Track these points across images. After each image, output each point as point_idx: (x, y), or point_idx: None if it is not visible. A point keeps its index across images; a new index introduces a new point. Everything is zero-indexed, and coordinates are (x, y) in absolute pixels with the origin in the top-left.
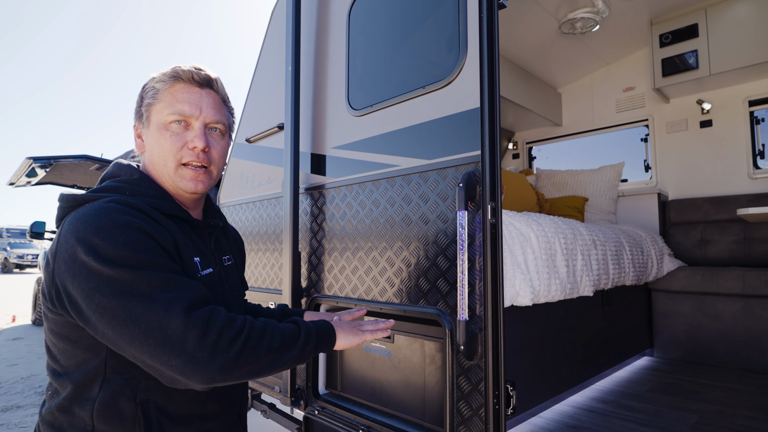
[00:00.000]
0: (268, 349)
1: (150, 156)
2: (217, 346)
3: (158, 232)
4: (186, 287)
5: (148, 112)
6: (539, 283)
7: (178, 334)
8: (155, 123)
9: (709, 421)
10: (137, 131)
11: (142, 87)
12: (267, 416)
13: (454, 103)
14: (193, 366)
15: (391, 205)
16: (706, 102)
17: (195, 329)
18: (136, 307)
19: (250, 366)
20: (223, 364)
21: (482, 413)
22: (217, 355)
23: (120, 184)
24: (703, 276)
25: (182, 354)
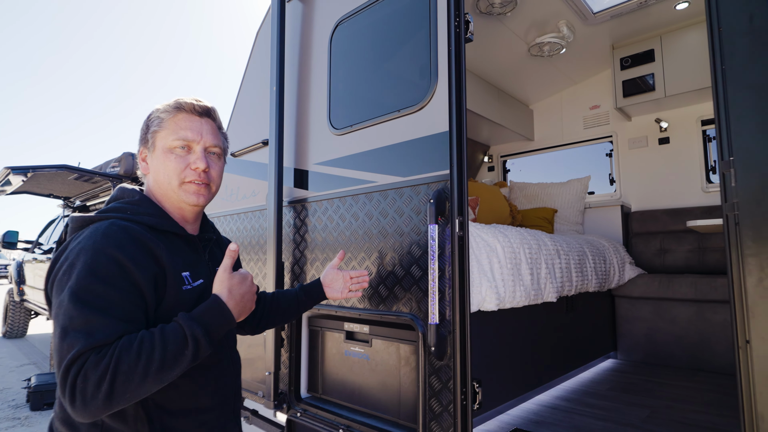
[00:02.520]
0: (144, 376)
1: (155, 176)
2: (84, 397)
3: (138, 260)
4: (96, 329)
5: (154, 139)
6: (504, 289)
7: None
8: (160, 147)
9: (659, 414)
10: (142, 155)
11: (147, 116)
12: (250, 422)
13: (426, 126)
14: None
15: (368, 218)
16: (664, 121)
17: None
18: (56, 333)
19: (131, 393)
20: (96, 406)
21: (451, 409)
22: (88, 404)
23: (123, 205)
24: (660, 283)
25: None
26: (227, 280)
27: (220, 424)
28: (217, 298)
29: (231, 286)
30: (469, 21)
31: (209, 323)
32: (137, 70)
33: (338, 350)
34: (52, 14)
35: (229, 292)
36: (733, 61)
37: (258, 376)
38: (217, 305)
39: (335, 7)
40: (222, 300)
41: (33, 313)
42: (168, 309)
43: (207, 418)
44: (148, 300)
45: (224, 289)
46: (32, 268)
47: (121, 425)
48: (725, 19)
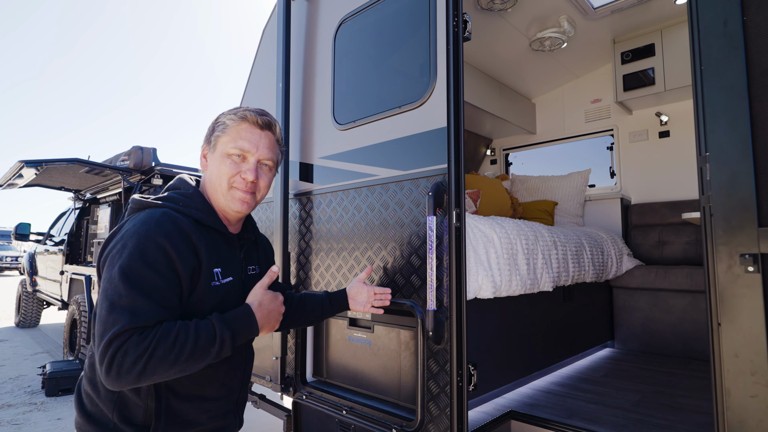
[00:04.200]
0: (173, 363)
1: (209, 176)
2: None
3: (181, 251)
4: (140, 311)
5: (216, 141)
6: (500, 278)
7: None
8: (220, 151)
9: (648, 399)
10: (204, 152)
11: (215, 119)
12: (257, 406)
13: (426, 122)
14: (104, 377)
15: (371, 210)
16: (664, 114)
17: (108, 355)
18: (103, 304)
19: (159, 375)
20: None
21: (448, 390)
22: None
23: (177, 195)
24: (657, 274)
25: (102, 373)
26: (261, 295)
27: (222, 413)
28: (248, 308)
29: (262, 301)
30: (467, 20)
31: (237, 329)
32: (146, 67)
33: (342, 336)
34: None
35: (259, 305)
36: (709, 62)
37: (266, 361)
38: (247, 315)
39: (339, 6)
40: (252, 311)
41: (45, 303)
42: (196, 300)
43: (210, 407)
44: (184, 289)
45: (256, 301)
46: (44, 259)
47: (135, 397)
48: (703, 22)
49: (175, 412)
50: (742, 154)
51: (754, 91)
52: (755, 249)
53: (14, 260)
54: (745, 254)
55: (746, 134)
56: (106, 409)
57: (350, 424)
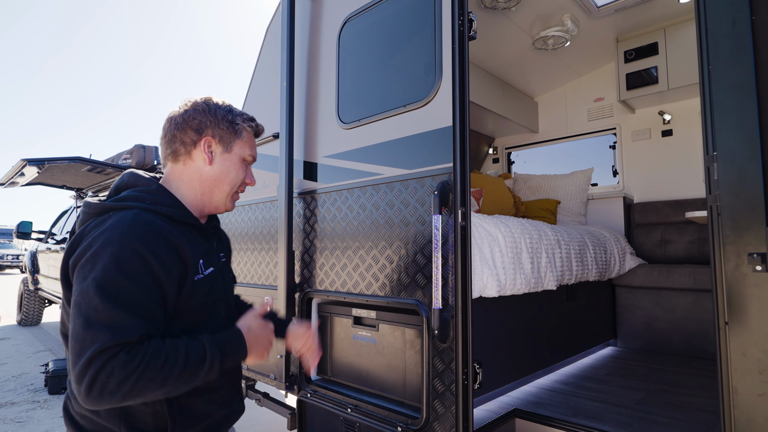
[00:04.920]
0: (161, 385)
1: (215, 173)
2: (103, 391)
3: (161, 255)
4: (121, 326)
5: (232, 143)
6: (505, 277)
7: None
8: (237, 154)
9: (652, 397)
10: (210, 146)
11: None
12: (261, 404)
13: (431, 120)
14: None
15: (375, 209)
16: (667, 113)
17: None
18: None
19: (145, 396)
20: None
21: (453, 388)
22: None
23: (140, 194)
24: (660, 273)
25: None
26: (252, 320)
27: (227, 400)
28: (239, 331)
29: (252, 326)
30: (473, 19)
31: (227, 353)
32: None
33: (346, 335)
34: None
35: (248, 329)
36: (717, 62)
37: (270, 359)
38: (238, 339)
39: (343, 5)
40: (243, 335)
41: (47, 301)
42: (186, 298)
43: (216, 396)
44: (167, 296)
45: (246, 326)
46: (46, 258)
47: (141, 404)
48: (711, 22)
49: (187, 408)
50: (751, 154)
51: (762, 90)
52: (763, 248)
53: (16, 258)
54: (753, 253)
55: (754, 133)
56: (111, 423)
57: (355, 422)
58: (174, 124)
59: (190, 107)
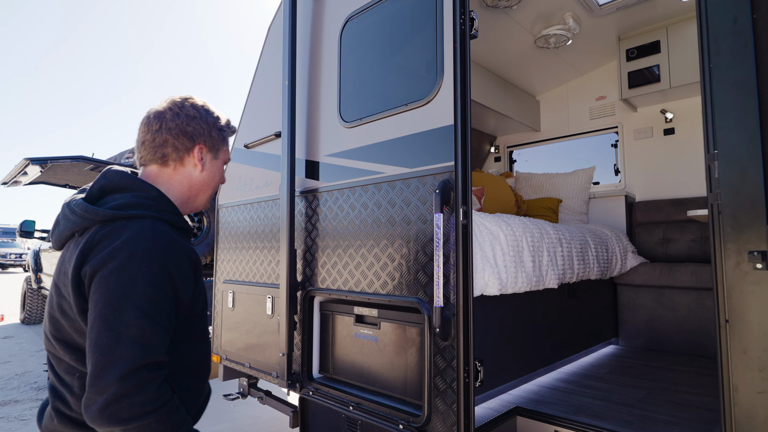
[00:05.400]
0: None
1: (204, 178)
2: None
3: (182, 269)
4: (151, 343)
5: (219, 149)
6: (506, 275)
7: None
8: (221, 159)
9: (654, 395)
10: (200, 152)
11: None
12: (263, 402)
13: (432, 119)
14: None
15: (377, 207)
16: (669, 111)
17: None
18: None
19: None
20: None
21: (454, 386)
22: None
23: (144, 200)
24: (662, 271)
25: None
26: None
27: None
28: None
29: None
30: (474, 18)
31: None
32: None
33: (348, 333)
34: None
35: None
36: (718, 60)
37: (272, 357)
38: None
39: (345, 4)
40: None
41: None
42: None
43: (204, 378)
44: (182, 306)
45: None
46: (48, 257)
47: None
48: (712, 20)
49: (184, 401)
50: (751, 152)
51: (763, 88)
52: (764, 246)
53: (19, 257)
54: (753, 251)
55: (755, 132)
56: None
57: (357, 419)
58: (166, 129)
59: (182, 111)
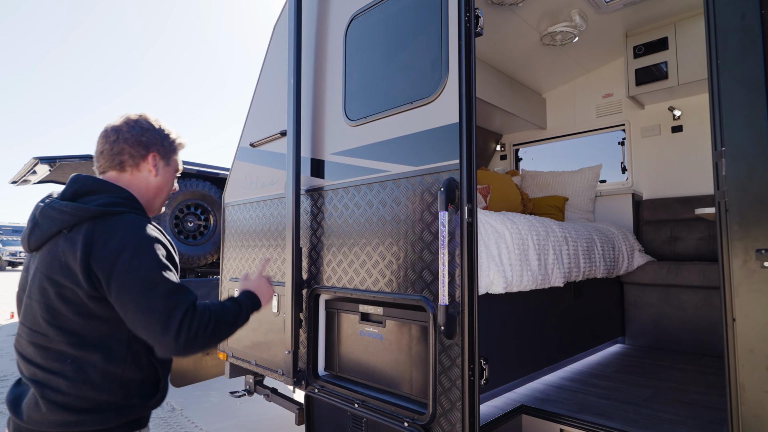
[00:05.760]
0: (223, 334)
1: (158, 183)
2: (191, 343)
3: (171, 247)
4: (184, 293)
5: (171, 158)
6: (512, 274)
7: (173, 333)
8: (173, 167)
9: (660, 394)
10: (155, 162)
11: (167, 134)
12: (269, 399)
13: (437, 117)
14: (172, 353)
15: (382, 205)
16: (677, 109)
17: (182, 334)
18: (155, 304)
19: (210, 346)
20: (194, 350)
21: (459, 384)
22: (190, 348)
23: (121, 200)
24: (669, 270)
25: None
26: (252, 281)
27: None
28: (250, 292)
29: (253, 284)
30: (479, 16)
31: (251, 305)
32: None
33: (353, 331)
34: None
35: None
36: (725, 56)
37: (278, 355)
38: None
39: (350, 2)
40: (254, 293)
41: None
42: None
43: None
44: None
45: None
46: None
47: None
48: (720, 16)
49: (162, 376)
50: (759, 149)
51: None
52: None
53: None
54: (761, 249)
55: (763, 129)
56: (108, 394)
57: (362, 417)
58: (123, 139)
59: (137, 125)
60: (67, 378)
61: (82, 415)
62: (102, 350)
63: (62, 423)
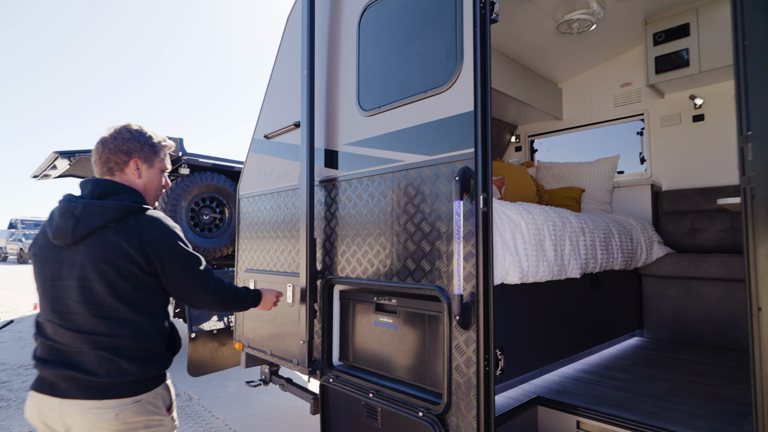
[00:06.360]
0: (236, 301)
1: (147, 183)
2: (221, 300)
3: None
4: (207, 264)
5: (153, 160)
6: (528, 264)
7: (211, 289)
8: (157, 168)
9: (680, 388)
10: (137, 165)
11: (151, 139)
12: (284, 389)
13: (452, 106)
14: (209, 306)
15: (396, 195)
16: (699, 97)
17: (215, 291)
18: (197, 272)
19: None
20: (221, 306)
21: (475, 374)
22: (221, 304)
23: (139, 198)
24: (689, 262)
25: (207, 300)
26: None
27: None
28: (259, 291)
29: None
30: (494, 2)
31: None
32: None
33: (368, 321)
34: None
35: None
36: (753, 37)
37: (293, 345)
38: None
39: None
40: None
41: None
42: None
43: None
44: None
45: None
46: None
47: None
48: None
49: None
50: None
51: None
52: None
53: None
54: None
55: None
56: (159, 345)
57: (377, 407)
58: (107, 149)
59: (119, 136)
60: (130, 338)
61: (146, 364)
62: (150, 313)
63: (135, 372)
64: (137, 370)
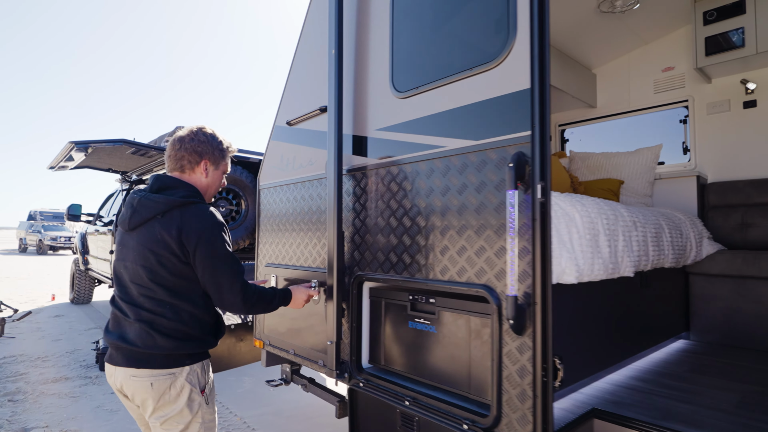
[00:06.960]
0: (262, 307)
1: (208, 182)
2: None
3: (226, 225)
4: (240, 266)
5: (220, 162)
6: (583, 262)
7: (236, 292)
8: (221, 170)
9: (751, 399)
10: (206, 166)
11: (220, 143)
12: (307, 390)
13: (503, 84)
14: (229, 306)
15: (436, 185)
16: (751, 82)
17: (240, 294)
18: (222, 269)
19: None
20: (246, 311)
21: (530, 385)
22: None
23: (193, 193)
24: (744, 259)
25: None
26: (296, 287)
27: None
28: (289, 290)
29: (294, 288)
30: None
31: (282, 298)
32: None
33: (402, 321)
34: None
35: (294, 289)
36: None
37: (317, 346)
38: (288, 292)
39: None
40: (292, 296)
41: (97, 281)
42: None
43: None
44: None
45: (293, 287)
46: (94, 239)
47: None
48: None
49: (222, 321)
50: None
51: None
52: None
53: (68, 240)
54: None
55: None
56: (193, 329)
57: (414, 416)
58: (184, 148)
59: (195, 137)
60: (167, 317)
61: (180, 342)
62: (189, 299)
63: (168, 347)
64: (171, 346)
